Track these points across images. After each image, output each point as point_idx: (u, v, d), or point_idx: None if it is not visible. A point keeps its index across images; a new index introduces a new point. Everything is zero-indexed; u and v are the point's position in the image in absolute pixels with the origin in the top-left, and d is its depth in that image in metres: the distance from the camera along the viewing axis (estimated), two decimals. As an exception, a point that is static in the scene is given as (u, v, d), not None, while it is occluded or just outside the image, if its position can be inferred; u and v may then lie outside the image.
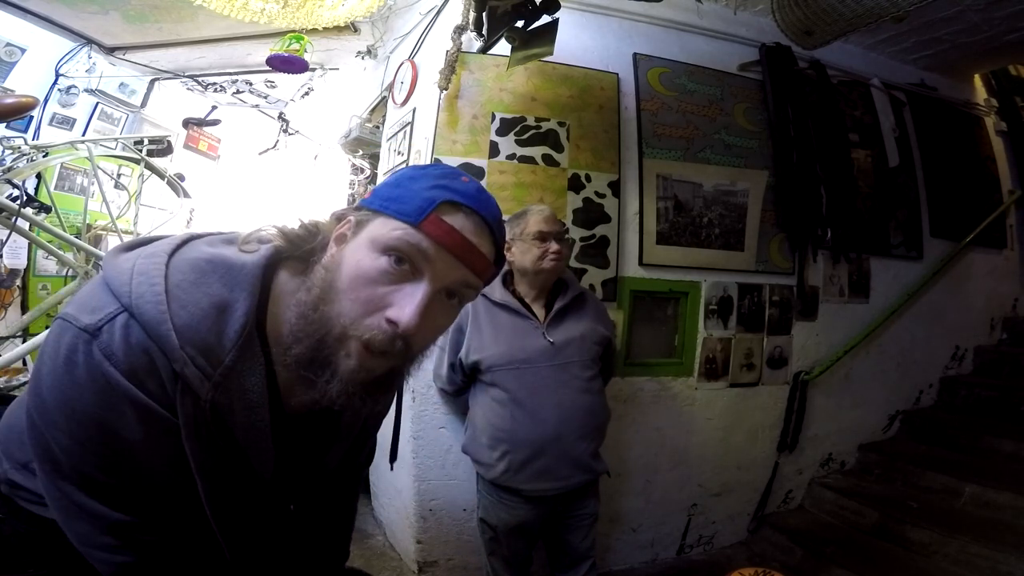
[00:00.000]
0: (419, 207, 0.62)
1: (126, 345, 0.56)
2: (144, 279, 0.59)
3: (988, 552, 2.09)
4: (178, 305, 0.59)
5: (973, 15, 2.70)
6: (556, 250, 1.69)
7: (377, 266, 0.61)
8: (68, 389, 0.56)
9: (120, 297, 0.58)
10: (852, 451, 3.01)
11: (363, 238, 0.63)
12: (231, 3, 2.16)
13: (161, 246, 0.64)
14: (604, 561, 2.41)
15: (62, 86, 3.51)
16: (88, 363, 0.56)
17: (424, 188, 0.64)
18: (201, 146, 5.02)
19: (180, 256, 0.63)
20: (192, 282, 0.61)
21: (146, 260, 0.61)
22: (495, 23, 2.06)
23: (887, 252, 3.05)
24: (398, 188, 0.65)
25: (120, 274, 0.60)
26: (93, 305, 0.58)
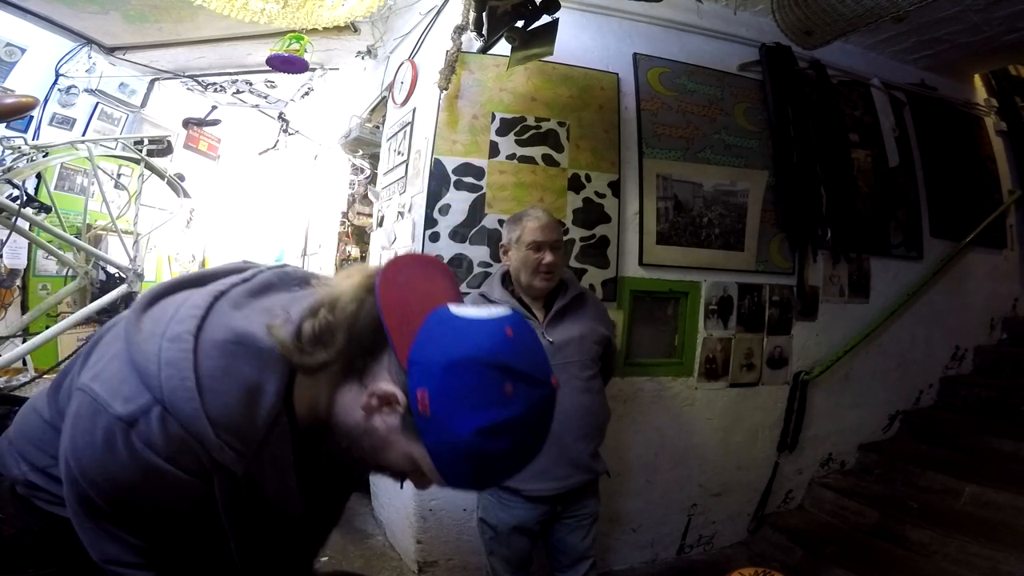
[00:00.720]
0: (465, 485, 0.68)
1: (165, 436, 0.59)
2: (174, 372, 0.59)
3: (988, 552, 2.09)
4: (211, 396, 0.59)
5: (973, 15, 2.70)
6: (549, 263, 1.68)
7: (410, 469, 0.67)
8: (110, 465, 0.60)
9: (152, 390, 0.59)
10: (852, 451, 3.01)
11: (407, 451, 0.64)
12: (231, 3, 2.16)
13: (186, 323, 0.62)
14: (604, 561, 2.41)
15: (62, 86, 3.51)
16: (128, 448, 0.59)
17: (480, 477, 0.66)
18: (201, 146, 5.03)
19: (207, 335, 0.62)
20: (223, 369, 0.61)
21: (172, 346, 0.60)
22: (495, 23, 2.06)
23: (887, 252, 3.05)
24: (454, 459, 0.61)
25: (147, 361, 0.60)
26: (125, 394, 0.59)
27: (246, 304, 0.67)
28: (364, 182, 3.67)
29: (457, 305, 0.66)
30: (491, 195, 2.25)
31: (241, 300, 0.67)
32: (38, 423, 0.76)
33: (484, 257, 2.23)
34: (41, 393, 0.82)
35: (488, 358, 0.59)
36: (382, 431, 0.64)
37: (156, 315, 0.64)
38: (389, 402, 0.63)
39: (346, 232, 4.00)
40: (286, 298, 0.70)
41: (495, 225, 2.23)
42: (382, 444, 0.65)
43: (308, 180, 5.25)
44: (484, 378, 0.59)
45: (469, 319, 0.63)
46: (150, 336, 0.61)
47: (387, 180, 2.79)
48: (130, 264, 2.97)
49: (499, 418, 0.59)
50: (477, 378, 0.59)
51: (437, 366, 0.59)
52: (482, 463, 0.61)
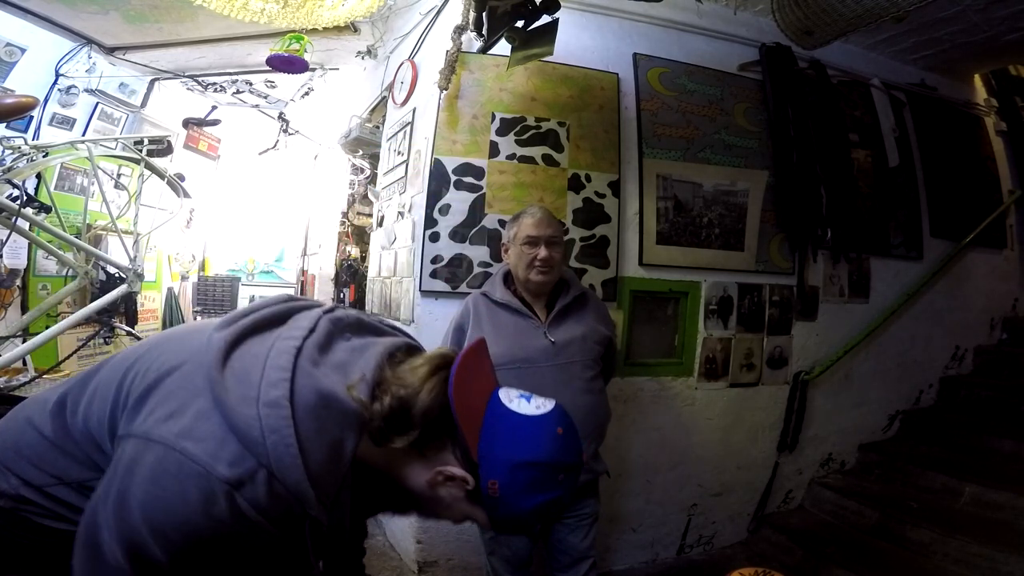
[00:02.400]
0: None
1: (271, 498, 0.64)
2: (279, 440, 0.64)
3: (988, 552, 2.09)
4: (310, 459, 0.66)
5: (973, 15, 2.70)
6: (543, 257, 1.68)
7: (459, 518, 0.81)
8: (200, 522, 0.62)
9: (258, 456, 0.64)
10: (852, 451, 3.01)
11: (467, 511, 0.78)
12: (231, 3, 2.16)
13: (279, 387, 0.66)
14: (604, 561, 2.41)
15: (62, 86, 3.51)
16: (231, 508, 0.63)
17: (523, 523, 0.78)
18: (201, 146, 5.03)
19: (299, 400, 0.67)
20: (316, 430, 0.68)
21: (273, 412, 0.65)
22: (495, 23, 2.06)
23: (887, 252, 3.05)
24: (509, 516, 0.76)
25: (249, 428, 0.64)
26: (229, 459, 0.63)
27: (321, 361, 0.73)
28: (364, 182, 3.67)
29: (507, 394, 0.78)
30: (491, 195, 2.25)
31: (316, 356, 0.73)
32: (36, 439, 0.75)
33: (484, 257, 2.23)
34: (35, 406, 0.80)
35: (547, 459, 0.74)
36: (447, 499, 0.77)
37: (240, 373, 0.68)
38: (456, 480, 0.74)
39: (346, 232, 4.00)
40: (347, 350, 0.78)
41: (495, 225, 2.23)
42: (444, 506, 0.78)
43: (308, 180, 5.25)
44: (543, 473, 0.74)
45: (525, 417, 0.75)
46: (244, 400, 0.65)
47: (387, 180, 2.79)
48: (130, 264, 2.97)
49: (553, 497, 0.75)
50: (538, 473, 0.73)
51: (506, 465, 0.73)
52: (532, 520, 0.76)
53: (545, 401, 0.78)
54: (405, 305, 2.30)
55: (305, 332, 0.74)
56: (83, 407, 0.74)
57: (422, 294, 2.19)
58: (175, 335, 0.84)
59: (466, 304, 1.85)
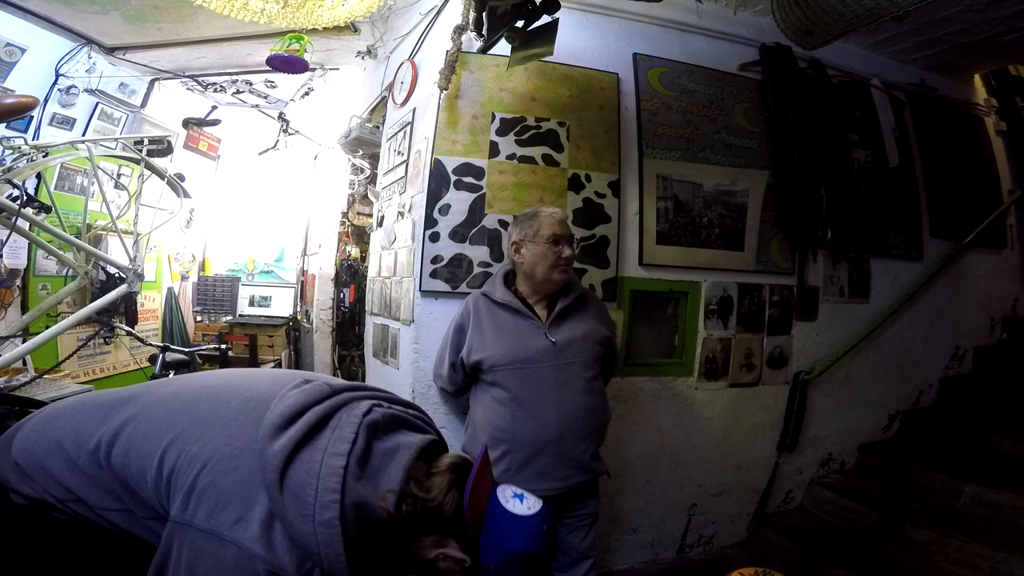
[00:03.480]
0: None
1: None
2: (331, 552, 0.82)
3: (988, 552, 2.09)
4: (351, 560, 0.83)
5: (973, 15, 2.70)
6: (567, 256, 1.70)
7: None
8: None
9: (316, 561, 0.82)
10: (852, 451, 3.01)
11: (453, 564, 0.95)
12: (231, 3, 2.16)
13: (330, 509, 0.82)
14: (604, 561, 2.41)
15: (62, 86, 3.50)
16: None
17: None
18: (201, 146, 5.03)
19: (347, 519, 0.83)
20: (356, 539, 0.85)
21: (325, 531, 0.81)
22: (495, 23, 2.06)
23: (887, 252, 3.05)
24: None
25: (307, 541, 0.81)
26: (294, 563, 0.82)
27: (362, 475, 0.89)
28: (364, 182, 3.67)
29: (503, 493, 0.99)
30: (491, 195, 2.25)
31: (358, 472, 0.88)
32: (66, 464, 0.91)
33: (484, 257, 2.23)
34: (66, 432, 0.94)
35: (534, 551, 0.96)
36: (446, 570, 0.95)
37: (297, 491, 0.83)
38: (456, 560, 0.93)
39: (346, 232, 4.00)
40: (381, 454, 0.94)
41: (495, 225, 2.23)
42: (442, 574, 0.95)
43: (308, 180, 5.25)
44: (530, 561, 0.96)
45: (519, 517, 0.96)
46: (302, 518, 0.82)
47: (387, 180, 2.79)
48: (130, 264, 2.97)
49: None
50: (526, 561, 0.95)
51: (501, 554, 0.94)
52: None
53: (535, 501, 0.99)
54: (405, 305, 2.30)
55: (349, 446, 0.89)
56: (120, 454, 0.90)
57: (422, 294, 2.19)
58: (218, 413, 0.96)
59: (466, 304, 1.85)
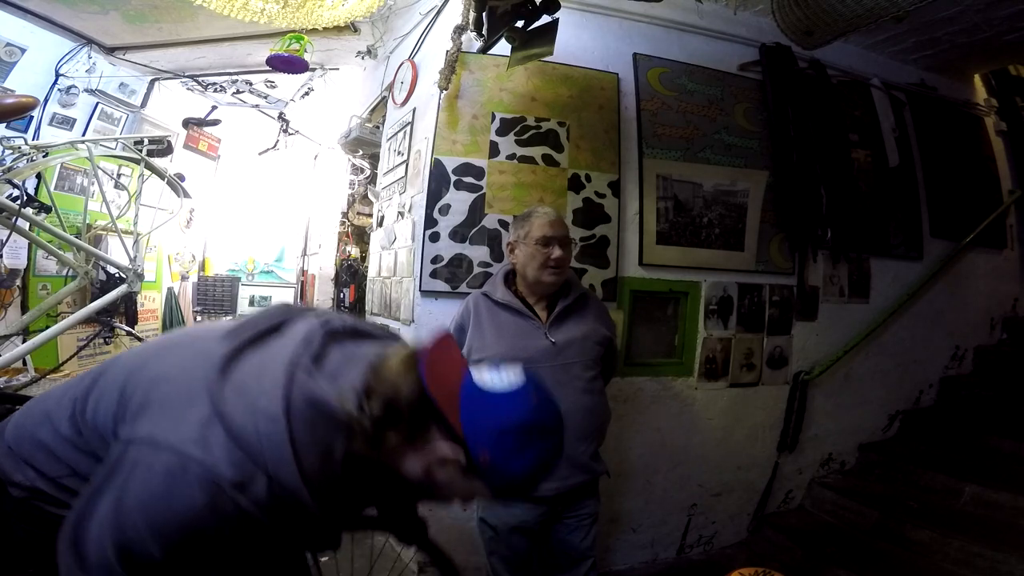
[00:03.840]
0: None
1: (271, 498, 0.71)
2: (276, 451, 0.71)
3: (988, 552, 2.09)
4: (304, 465, 0.72)
5: (973, 15, 2.70)
6: (557, 257, 1.68)
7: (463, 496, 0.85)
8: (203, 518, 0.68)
9: (257, 463, 0.70)
10: (852, 451, 3.01)
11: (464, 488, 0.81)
12: (231, 3, 2.16)
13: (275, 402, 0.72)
14: (604, 561, 2.41)
15: (62, 86, 3.51)
16: (236, 508, 0.69)
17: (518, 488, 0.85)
18: (201, 146, 5.03)
19: (294, 411, 0.73)
20: (310, 439, 0.73)
21: (269, 425, 0.71)
22: (495, 23, 2.06)
23: (887, 252, 3.05)
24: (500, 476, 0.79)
25: (248, 436, 0.70)
26: (234, 462, 0.69)
27: (315, 371, 0.78)
28: (364, 182, 3.67)
29: (477, 372, 0.81)
30: (491, 195, 2.25)
31: (310, 367, 0.78)
32: (52, 433, 0.82)
33: (484, 257, 2.23)
34: (52, 401, 0.86)
35: (529, 421, 0.79)
36: (445, 480, 0.80)
37: (239, 386, 0.74)
38: (449, 461, 0.78)
39: (346, 232, 4.00)
40: (340, 359, 0.82)
41: (495, 225, 2.23)
42: (445, 488, 0.81)
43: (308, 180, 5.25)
44: (528, 435, 0.79)
45: (500, 393, 0.79)
46: (244, 411, 0.72)
47: (387, 180, 2.79)
48: (130, 264, 2.97)
49: (542, 456, 0.81)
50: (524, 436, 0.78)
51: (491, 434, 0.77)
52: (528, 481, 0.82)
53: (514, 370, 0.83)
54: (405, 305, 2.30)
55: (300, 344, 0.79)
56: (91, 406, 0.80)
57: (422, 294, 2.19)
58: (177, 341, 0.89)
59: (466, 304, 1.85)
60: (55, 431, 0.81)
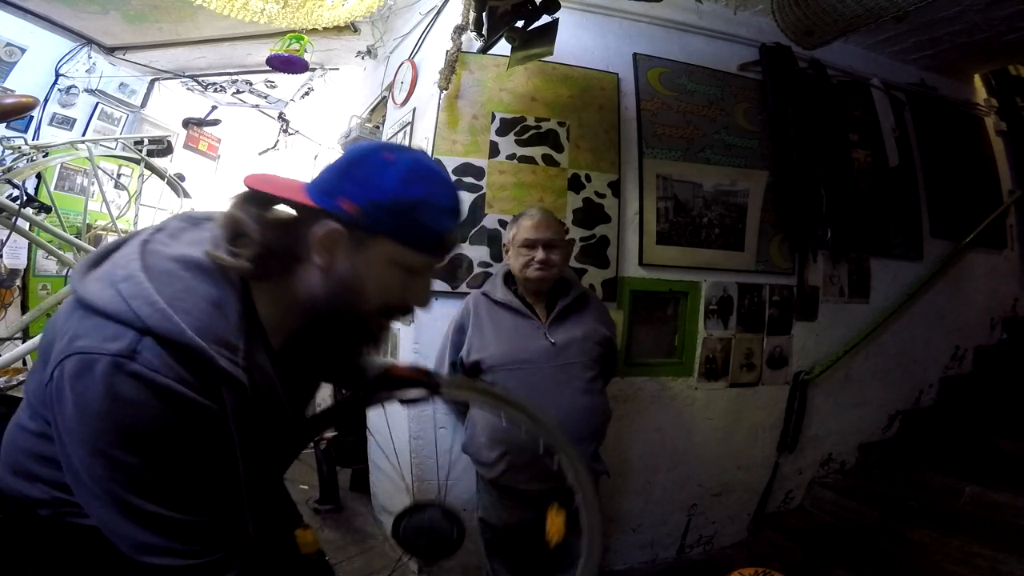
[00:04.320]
0: (436, 242, 0.76)
1: (164, 358, 0.62)
2: (142, 302, 0.63)
3: (988, 552, 2.09)
4: (185, 315, 0.64)
5: (973, 15, 2.70)
6: (540, 259, 1.69)
7: (400, 281, 0.75)
8: (125, 408, 0.61)
9: (131, 324, 0.62)
10: (852, 451, 3.01)
11: (383, 257, 0.73)
12: (231, 3, 2.16)
13: (130, 265, 0.67)
14: (604, 561, 2.41)
15: (62, 86, 3.50)
16: (136, 380, 0.61)
17: (433, 219, 0.74)
18: (201, 146, 5.02)
19: (153, 269, 0.67)
20: (183, 289, 0.67)
21: (128, 284, 0.64)
22: (495, 23, 2.06)
23: (887, 252, 3.05)
24: (404, 216, 0.72)
25: (111, 302, 0.63)
26: (111, 335, 0.62)
27: (173, 241, 0.72)
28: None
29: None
30: (491, 195, 2.25)
31: (166, 240, 0.72)
32: (30, 439, 0.75)
33: (484, 257, 2.23)
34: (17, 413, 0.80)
35: (360, 148, 0.74)
36: (350, 267, 0.72)
37: (96, 275, 0.68)
38: (334, 239, 0.70)
39: (346, 232, 4.00)
40: (206, 231, 0.75)
41: (495, 225, 2.23)
42: (362, 277, 0.73)
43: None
44: (368, 156, 0.72)
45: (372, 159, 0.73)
46: (101, 287, 0.65)
47: (387, 180, 2.79)
48: (130, 264, 2.97)
49: (403, 168, 0.71)
50: (365, 160, 0.72)
51: (333, 178, 0.72)
52: (425, 205, 0.73)
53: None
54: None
55: (154, 229, 0.75)
56: (34, 386, 0.76)
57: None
58: None
59: (466, 303, 1.85)
60: (30, 433, 0.76)
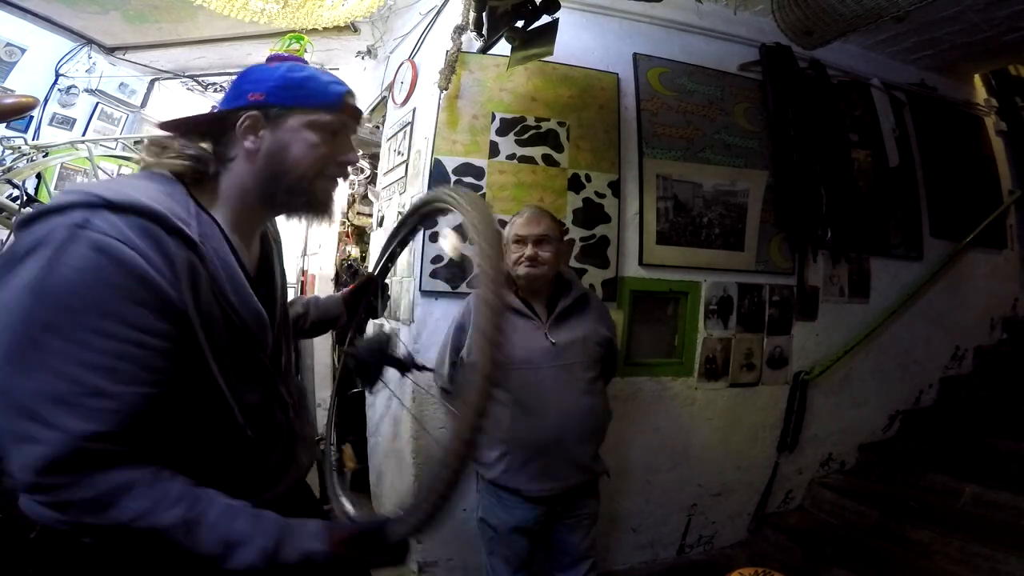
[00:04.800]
0: (337, 100, 0.86)
1: (119, 224, 0.65)
2: (106, 185, 0.68)
3: (988, 552, 2.09)
4: (137, 193, 0.68)
5: (973, 15, 2.70)
6: (528, 255, 1.70)
7: (317, 141, 0.85)
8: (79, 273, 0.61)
9: (86, 199, 0.65)
10: (852, 451, 3.01)
11: (297, 124, 0.83)
12: (231, 3, 2.16)
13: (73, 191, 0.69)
14: (604, 561, 2.41)
15: (62, 86, 3.51)
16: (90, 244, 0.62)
17: (324, 85, 0.87)
18: (201, 146, 5.02)
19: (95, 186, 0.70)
20: (133, 186, 0.71)
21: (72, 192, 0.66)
22: (495, 23, 2.06)
23: (887, 252, 3.05)
24: (300, 88, 0.84)
25: (66, 196, 0.66)
26: (65, 203, 0.65)
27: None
28: (364, 182, 3.67)
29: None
30: (491, 195, 2.25)
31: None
32: None
33: (484, 257, 2.22)
34: None
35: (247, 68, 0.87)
36: (276, 140, 0.83)
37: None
38: (255, 120, 0.81)
39: (346, 232, 4.00)
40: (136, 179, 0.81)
41: (495, 225, 2.23)
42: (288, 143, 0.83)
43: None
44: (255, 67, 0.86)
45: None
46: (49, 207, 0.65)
47: (387, 180, 2.79)
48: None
49: (286, 65, 0.87)
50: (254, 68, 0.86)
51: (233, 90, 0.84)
52: (314, 78, 0.86)
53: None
54: (405, 305, 2.30)
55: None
56: None
57: (422, 294, 2.19)
58: None
59: (467, 303, 1.85)
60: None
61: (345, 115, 0.88)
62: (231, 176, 0.84)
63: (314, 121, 0.84)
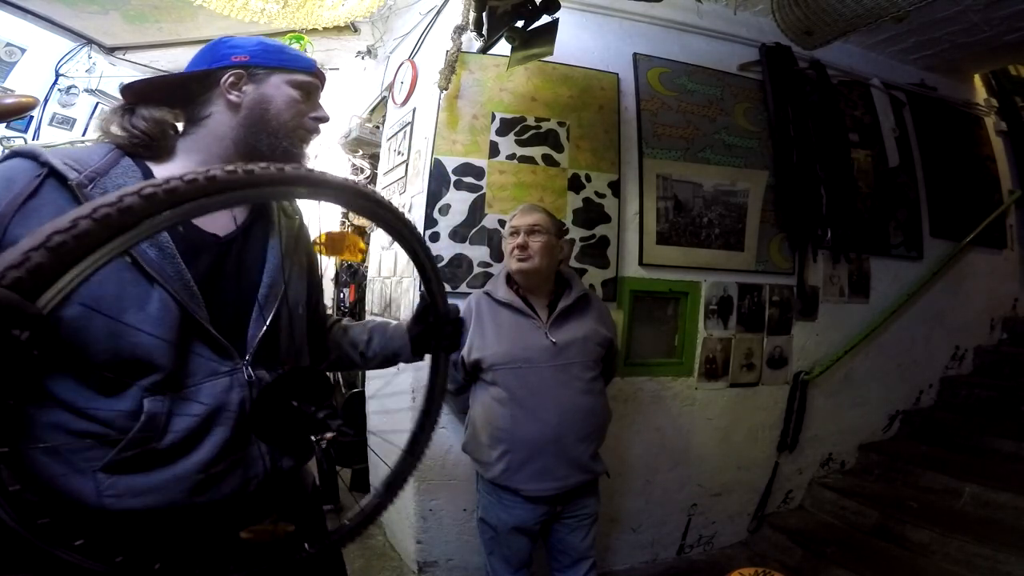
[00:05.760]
0: (310, 66, 0.99)
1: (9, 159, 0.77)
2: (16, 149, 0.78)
3: (988, 552, 2.09)
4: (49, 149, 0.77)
5: (973, 15, 2.70)
6: (519, 244, 1.71)
7: (297, 96, 0.96)
8: None
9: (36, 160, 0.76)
10: (852, 451, 3.01)
11: (279, 82, 0.94)
12: (231, 3, 2.16)
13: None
14: (604, 561, 2.41)
15: (62, 86, 3.51)
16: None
17: (297, 53, 0.99)
18: (201, 146, 5.02)
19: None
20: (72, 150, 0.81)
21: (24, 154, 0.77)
22: (495, 23, 2.06)
23: (887, 252, 3.05)
24: (280, 53, 0.95)
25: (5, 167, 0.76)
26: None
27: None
28: (364, 182, 3.67)
29: None
30: (491, 195, 2.25)
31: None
32: None
33: (484, 257, 2.23)
34: None
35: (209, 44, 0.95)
36: (259, 94, 0.92)
37: None
38: (240, 76, 0.91)
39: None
40: None
41: (495, 225, 2.23)
42: (270, 97, 0.93)
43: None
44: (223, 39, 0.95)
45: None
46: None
47: (387, 180, 2.79)
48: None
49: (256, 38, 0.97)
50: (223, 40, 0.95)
51: (208, 53, 0.93)
52: (286, 48, 0.97)
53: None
54: (405, 305, 2.30)
55: None
56: None
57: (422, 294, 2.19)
58: None
59: (468, 303, 1.85)
60: None
61: (317, 79, 1.01)
62: (202, 131, 0.92)
63: (294, 80, 0.96)
